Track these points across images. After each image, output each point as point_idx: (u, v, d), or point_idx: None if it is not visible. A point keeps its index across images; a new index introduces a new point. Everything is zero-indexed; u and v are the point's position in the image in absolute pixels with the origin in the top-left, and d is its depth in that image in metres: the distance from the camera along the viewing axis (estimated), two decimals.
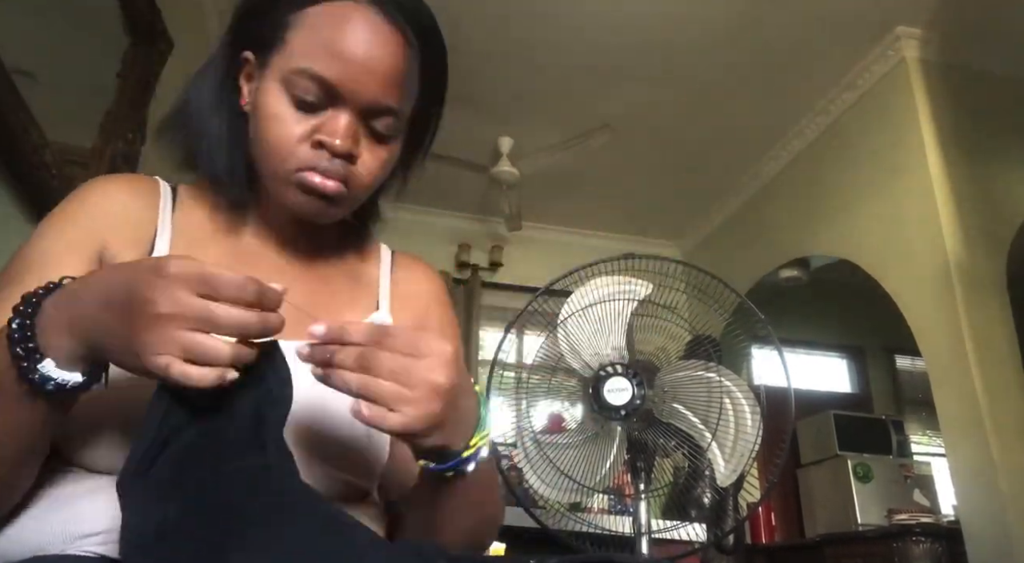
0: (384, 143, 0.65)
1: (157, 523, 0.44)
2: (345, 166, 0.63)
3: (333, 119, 0.61)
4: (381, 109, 0.62)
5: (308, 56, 0.60)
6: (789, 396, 1.24)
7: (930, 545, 2.86)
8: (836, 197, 3.34)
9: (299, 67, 0.60)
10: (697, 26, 2.98)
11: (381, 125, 0.63)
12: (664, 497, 1.35)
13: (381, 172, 0.66)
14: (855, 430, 4.02)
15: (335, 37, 0.60)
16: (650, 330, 1.33)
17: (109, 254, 0.63)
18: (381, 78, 0.61)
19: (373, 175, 0.65)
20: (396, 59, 0.62)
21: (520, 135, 3.69)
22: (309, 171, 0.62)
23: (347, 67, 0.60)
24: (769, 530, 4.11)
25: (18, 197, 1.51)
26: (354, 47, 0.60)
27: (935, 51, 2.99)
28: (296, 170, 0.62)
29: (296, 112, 0.62)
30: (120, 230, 0.64)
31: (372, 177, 0.65)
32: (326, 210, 0.65)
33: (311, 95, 0.61)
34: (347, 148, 0.61)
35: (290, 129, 0.62)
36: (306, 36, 0.61)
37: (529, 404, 1.36)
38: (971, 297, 2.62)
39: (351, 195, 0.65)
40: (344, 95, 0.61)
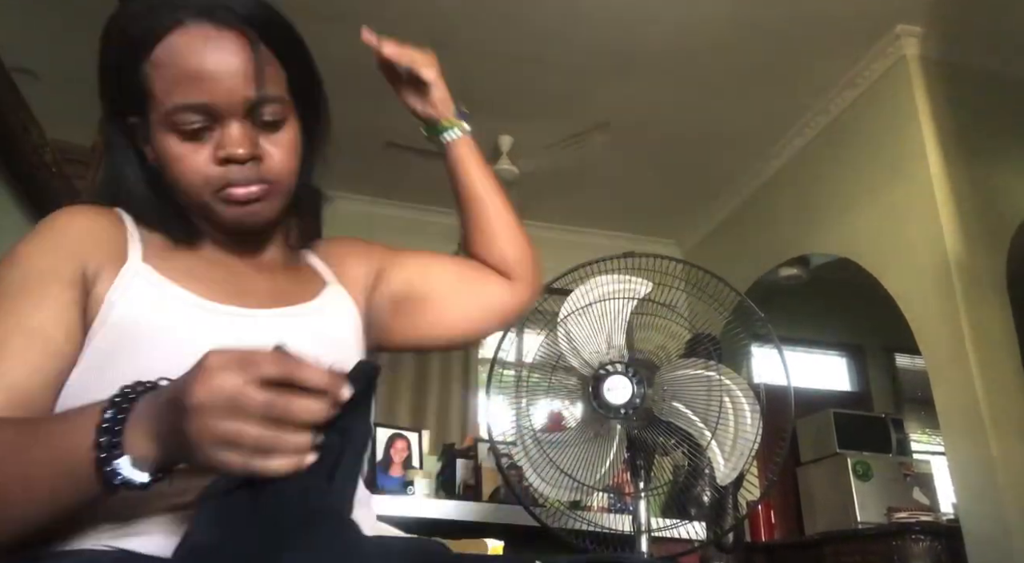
0: (279, 129, 0.68)
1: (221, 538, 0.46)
2: (255, 167, 0.66)
3: (224, 134, 0.65)
4: (255, 102, 0.65)
5: (173, 93, 0.64)
6: (789, 394, 1.24)
7: (929, 543, 2.87)
8: (836, 195, 3.34)
9: (170, 106, 0.64)
10: (696, 25, 2.98)
11: (266, 115, 0.67)
12: (664, 495, 1.35)
13: (290, 155, 0.69)
14: (855, 428, 4.02)
15: (185, 64, 0.64)
16: (650, 328, 1.33)
17: (91, 270, 0.65)
18: (238, 77, 0.64)
19: (285, 161, 0.69)
20: (242, 55, 0.65)
21: (520, 133, 3.69)
22: (227, 187, 0.66)
23: (207, 84, 0.63)
24: (769, 528, 4.11)
25: (18, 196, 1.51)
26: (201, 64, 0.63)
27: (935, 49, 2.99)
28: (216, 192, 0.66)
29: (189, 144, 0.65)
30: (96, 247, 0.67)
31: (285, 163, 0.69)
32: (259, 213, 0.69)
33: (193, 124, 0.64)
34: (248, 152, 0.65)
35: (192, 161, 0.66)
36: (163, 77, 0.64)
37: (529, 402, 1.36)
38: (971, 295, 2.62)
39: (275, 188, 0.69)
40: (218, 108, 0.64)
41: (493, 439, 1.39)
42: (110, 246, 0.68)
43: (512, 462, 1.42)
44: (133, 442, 0.48)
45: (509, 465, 1.47)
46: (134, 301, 0.64)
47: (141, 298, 0.64)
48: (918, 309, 2.81)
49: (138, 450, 0.48)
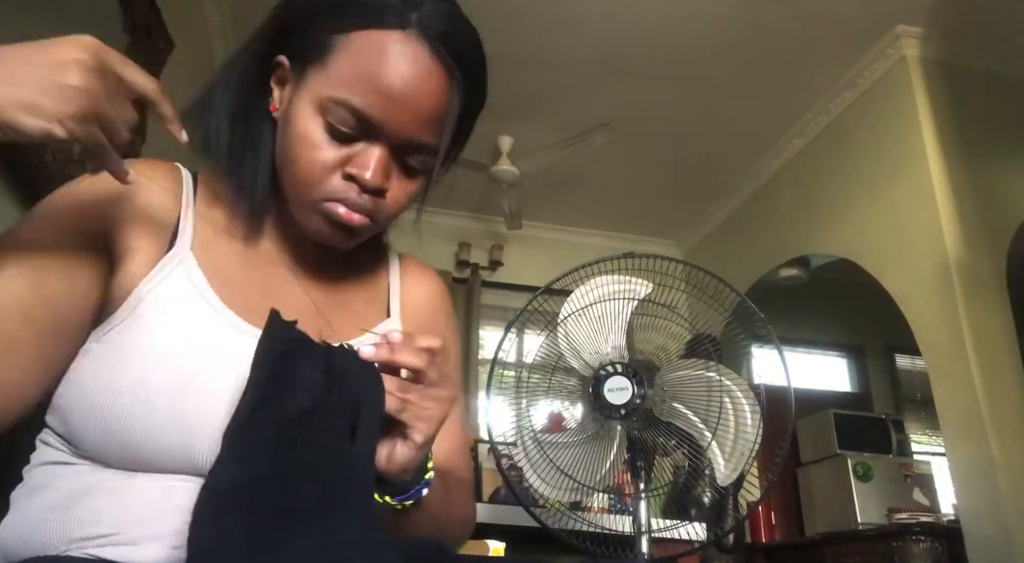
0: (412, 177, 0.64)
1: (249, 477, 0.48)
2: (374, 200, 0.62)
3: (366, 152, 0.60)
4: (417, 146, 0.61)
5: (348, 86, 0.58)
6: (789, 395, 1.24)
7: (930, 544, 2.87)
8: (836, 196, 3.34)
9: (338, 97, 0.58)
10: (697, 25, 2.98)
11: (414, 160, 0.62)
12: (664, 496, 1.35)
13: (407, 204, 0.65)
14: (855, 429, 4.02)
15: (378, 70, 0.57)
16: (650, 329, 1.33)
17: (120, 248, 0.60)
18: (422, 117, 0.59)
19: (399, 207, 0.65)
20: (438, 98, 0.60)
21: (520, 134, 3.69)
22: (336, 202, 0.61)
23: (388, 103, 0.58)
24: (769, 529, 4.11)
25: (18, 197, 1.51)
26: (397, 83, 0.57)
27: (935, 50, 2.99)
28: (323, 200, 0.61)
29: (329, 139, 0.59)
30: (134, 222, 0.61)
31: (398, 209, 0.65)
32: (348, 241, 0.64)
33: (347, 126, 0.59)
34: (378, 184, 0.60)
35: (321, 156, 0.60)
36: (348, 63, 0.58)
37: (529, 403, 1.36)
38: (971, 296, 2.62)
39: (375, 227, 0.64)
40: (381, 130, 0.59)
41: (493, 440, 1.39)
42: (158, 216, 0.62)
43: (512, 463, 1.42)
44: None
45: (509, 466, 1.47)
46: (166, 300, 0.59)
47: (173, 298, 0.59)
48: (918, 309, 2.81)
49: None
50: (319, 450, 0.50)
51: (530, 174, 3.66)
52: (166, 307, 0.59)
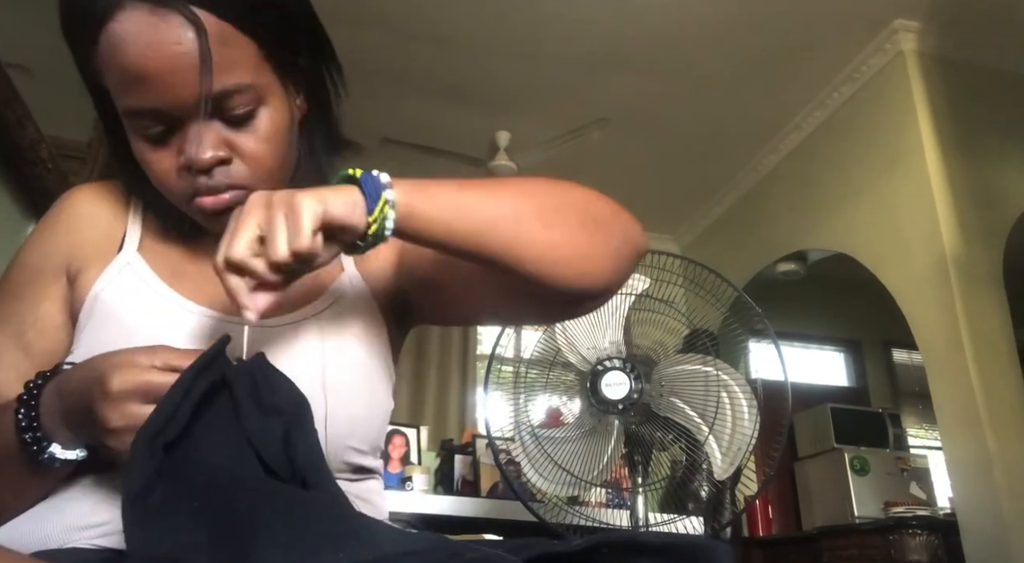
0: (252, 118, 0.58)
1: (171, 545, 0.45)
2: (223, 171, 0.58)
3: (181, 138, 0.57)
4: (215, 99, 0.55)
5: (120, 96, 0.56)
6: (786, 389, 1.24)
7: (926, 537, 2.88)
8: (833, 191, 3.34)
9: (122, 110, 0.57)
10: (694, 19, 2.97)
11: (232, 108, 0.57)
12: (661, 490, 1.35)
13: (268, 149, 0.59)
14: (852, 423, 4.03)
15: (124, 63, 0.54)
16: (647, 324, 1.34)
17: (73, 269, 0.65)
18: (186, 72, 0.54)
19: (260, 159, 0.59)
20: (187, 43, 0.53)
21: (517, 129, 3.68)
22: (196, 197, 0.59)
23: (150, 85, 0.54)
24: (766, 523, 4.13)
25: (14, 192, 1.51)
26: (142, 61, 0.53)
27: (933, 44, 2.99)
28: (187, 200, 0.59)
29: (153, 148, 0.58)
30: (82, 243, 0.66)
31: (260, 161, 0.59)
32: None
33: (150, 128, 0.57)
34: (208, 159, 0.56)
35: (158, 166, 0.58)
36: (110, 75, 0.56)
37: (527, 398, 1.36)
38: (968, 290, 2.63)
39: (254, 187, 0.58)
40: (169, 112, 0.55)
41: (491, 435, 1.39)
42: (105, 232, 0.67)
43: (510, 458, 1.42)
44: (53, 431, 0.53)
45: (507, 461, 1.47)
46: (118, 296, 0.63)
47: (125, 293, 0.63)
48: (915, 304, 2.81)
49: (60, 436, 0.53)
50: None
51: (527, 169, 3.66)
52: (119, 302, 0.62)
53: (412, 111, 3.49)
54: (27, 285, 0.65)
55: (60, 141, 1.64)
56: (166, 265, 0.66)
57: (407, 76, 3.26)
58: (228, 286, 0.49)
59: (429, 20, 3.01)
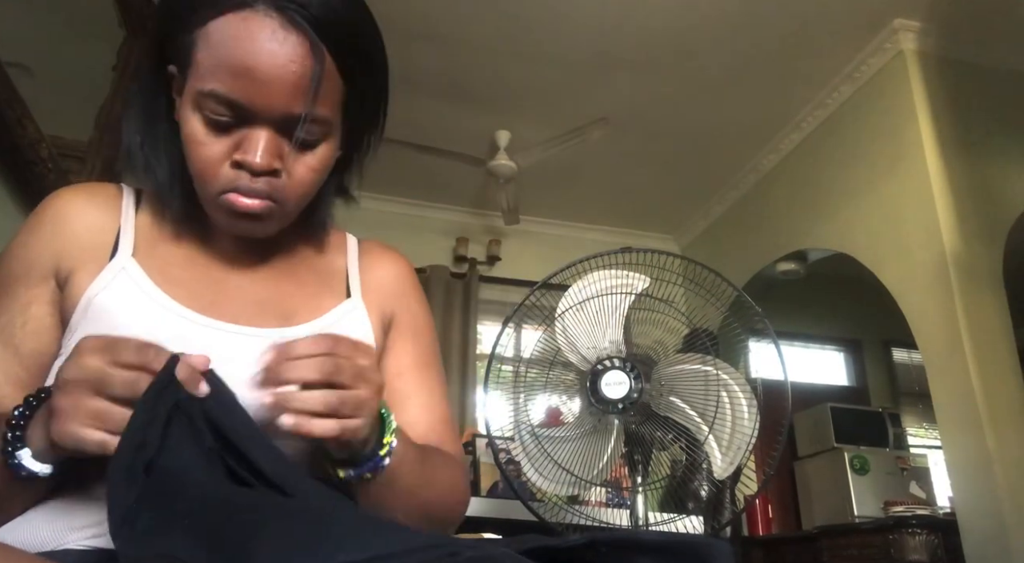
0: (311, 149, 0.63)
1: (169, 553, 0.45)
2: (269, 182, 0.61)
3: (249, 137, 0.60)
4: (296, 118, 0.59)
5: (212, 77, 0.58)
6: (786, 389, 1.24)
7: (926, 537, 2.88)
8: (833, 190, 3.34)
9: (205, 90, 0.58)
10: (695, 19, 2.97)
11: (303, 133, 0.61)
12: (661, 490, 1.35)
13: (313, 178, 0.64)
14: (852, 423, 4.03)
15: (235, 54, 0.57)
16: (647, 324, 1.34)
17: (63, 271, 0.65)
18: (289, 88, 0.58)
19: (304, 184, 0.63)
20: (301, 66, 0.58)
21: (517, 129, 3.68)
22: (232, 193, 0.61)
23: (251, 84, 0.57)
24: (766, 522, 4.13)
25: (14, 192, 1.51)
26: (255, 61, 0.57)
27: (933, 44, 2.99)
28: (220, 192, 0.61)
29: (211, 133, 0.60)
30: (71, 246, 0.66)
31: (303, 186, 0.63)
32: (255, 228, 0.64)
33: (222, 116, 0.59)
34: (266, 165, 0.60)
35: (208, 151, 0.60)
36: (208, 55, 0.58)
37: (527, 398, 1.36)
38: (968, 290, 2.63)
39: (283, 209, 0.63)
40: (254, 112, 0.59)
41: (491, 434, 1.39)
42: (96, 235, 0.67)
43: (510, 457, 1.42)
44: (32, 436, 0.51)
45: (507, 460, 1.47)
46: (112, 301, 0.63)
47: (120, 298, 0.63)
48: (915, 304, 2.81)
49: (36, 443, 0.51)
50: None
51: (528, 169, 3.66)
52: (113, 307, 0.62)
53: (412, 111, 3.49)
54: (15, 287, 0.65)
55: (60, 141, 1.64)
56: (161, 270, 0.66)
57: (407, 76, 3.26)
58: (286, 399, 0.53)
59: (429, 20, 3.01)
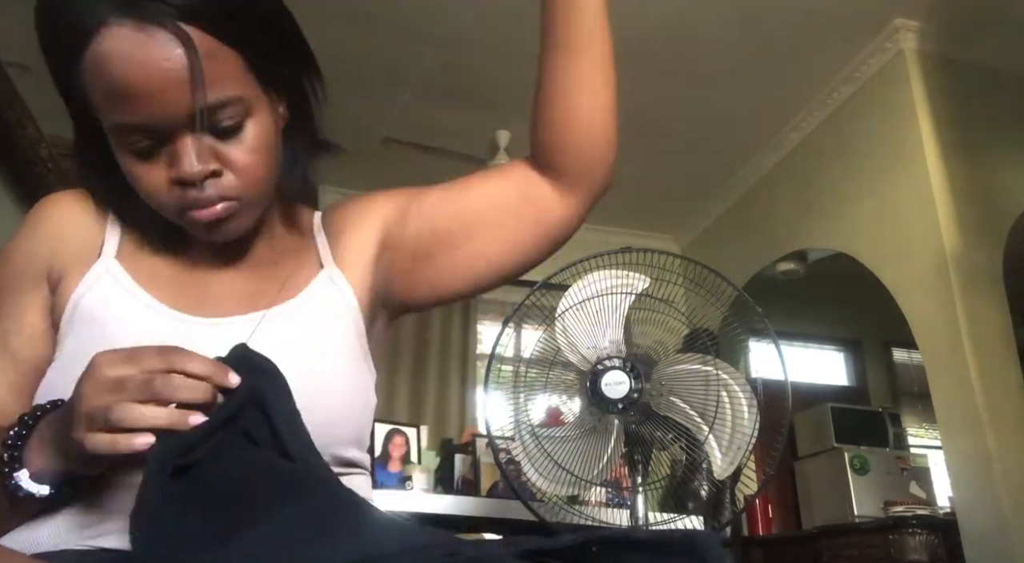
0: (240, 131, 0.59)
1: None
2: (215, 184, 0.59)
3: (173, 151, 0.57)
4: (205, 112, 0.56)
5: (107, 112, 0.56)
6: (786, 389, 1.24)
7: (926, 537, 2.88)
8: (833, 190, 3.34)
9: (108, 125, 0.57)
10: (694, 18, 2.97)
11: (220, 120, 0.57)
12: (661, 490, 1.35)
13: (258, 160, 0.60)
14: (852, 423, 4.03)
15: (110, 82, 0.54)
16: (647, 323, 1.34)
17: (58, 268, 0.65)
18: (175, 86, 0.54)
19: (252, 169, 0.60)
20: (175, 59, 0.54)
21: (517, 128, 3.68)
22: (187, 211, 0.59)
23: (138, 102, 0.54)
24: (766, 522, 4.13)
25: (14, 192, 1.51)
26: (133, 81, 0.54)
27: (933, 43, 2.99)
28: (178, 214, 0.60)
29: (141, 162, 0.58)
30: (62, 249, 0.66)
31: (253, 171, 0.60)
32: (228, 230, 0.62)
33: (139, 143, 0.57)
34: (200, 171, 0.57)
35: (149, 182, 0.59)
36: (94, 91, 0.56)
37: (527, 398, 1.36)
38: (968, 290, 2.63)
39: (244, 202, 0.61)
40: (159, 127, 0.56)
41: (491, 434, 1.39)
42: (84, 239, 0.67)
43: (510, 457, 1.42)
44: (30, 457, 0.52)
45: (507, 460, 1.47)
46: (98, 303, 0.62)
47: (106, 300, 0.63)
48: (915, 304, 2.81)
49: (35, 464, 0.52)
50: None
51: None
52: (99, 309, 0.62)
53: (412, 111, 3.49)
54: (10, 293, 0.65)
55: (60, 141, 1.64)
56: (144, 271, 0.66)
57: (408, 76, 3.26)
58: None
59: (430, 20, 3.01)
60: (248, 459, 0.50)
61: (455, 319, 4.16)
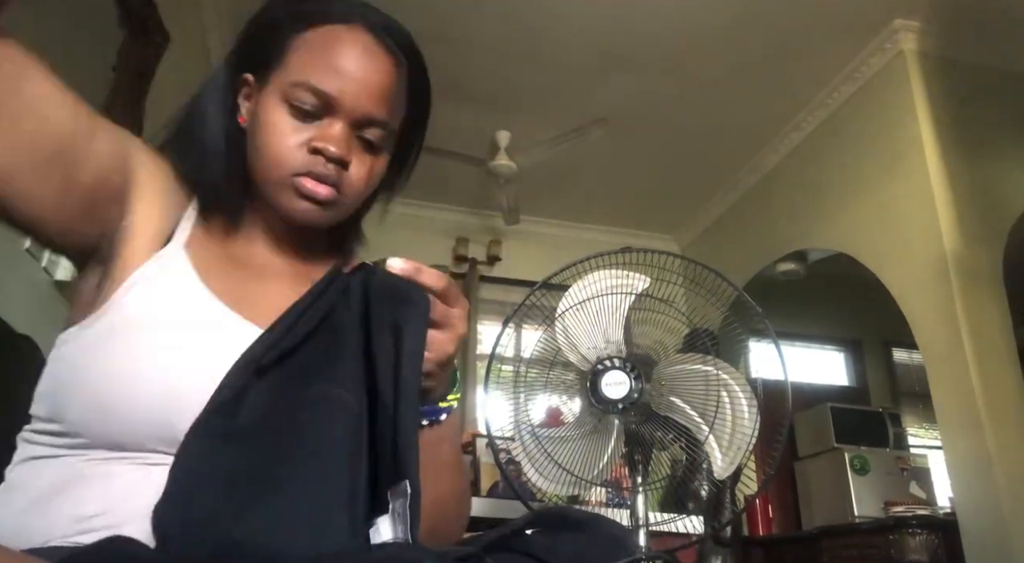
0: (373, 154, 0.70)
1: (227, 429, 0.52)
2: (338, 171, 0.67)
3: (328, 127, 0.66)
4: (372, 121, 0.68)
5: (306, 71, 0.66)
6: (786, 389, 1.24)
7: (926, 537, 2.88)
8: (833, 190, 3.34)
9: (298, 80, 0.66)
10: (695, 19, 2.97)
11: (372, 136, 0.68)
12: (662, 490, 1.35)
13: (369, 180, 0.70)
14: (852, 423, 4.03)
15: (331, 55, 0.66)
16: (648, 324, 1.33)
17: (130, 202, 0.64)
18: (373, 93, 0.67)
19: (363, 182, 0.70)
20: (386, 77, 0.68)
21: (517, 129, 3.68)
22: (305, 176, 0.66)
23: (342, 81, 0.66)
24: (766, 522, 4.13)
25: None
26: (349, 63, 0.66)
27: (933, 44, 2.99)
28: (293, 175, 0.66)
29: (293, 121, 0.66)
30: (155, 193, 0.66)
31: (362, 184, 0.70)
32: (319, 214, 0.68)
33: (308, 105, 0.66)
34: (341, 153, 0.66)
35: (288, 137, 0.66)
36: (304, 55, 0.67)
37: (527, 398, 1.36)
38: (968, 290, 2.63)
39: (343, 201, 0.69)
40: (339, 106, 0.66)
41: (491, 434, 1.39)
42: (169, 205, 0.67)
43: (510, 457, 1.42)
44: None
45: (507, 460, 1.47)
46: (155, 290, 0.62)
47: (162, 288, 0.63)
48: (915, 304, 2.81)
49: None
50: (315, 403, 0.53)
51: (528, 169, 3.66)
52: (157, 294, 0.62)
53: None
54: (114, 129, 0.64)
55: None
56: (207, 266, 0.66)
57: None
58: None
59: (429, 19, 3.01)
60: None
61: None
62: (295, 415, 0.53)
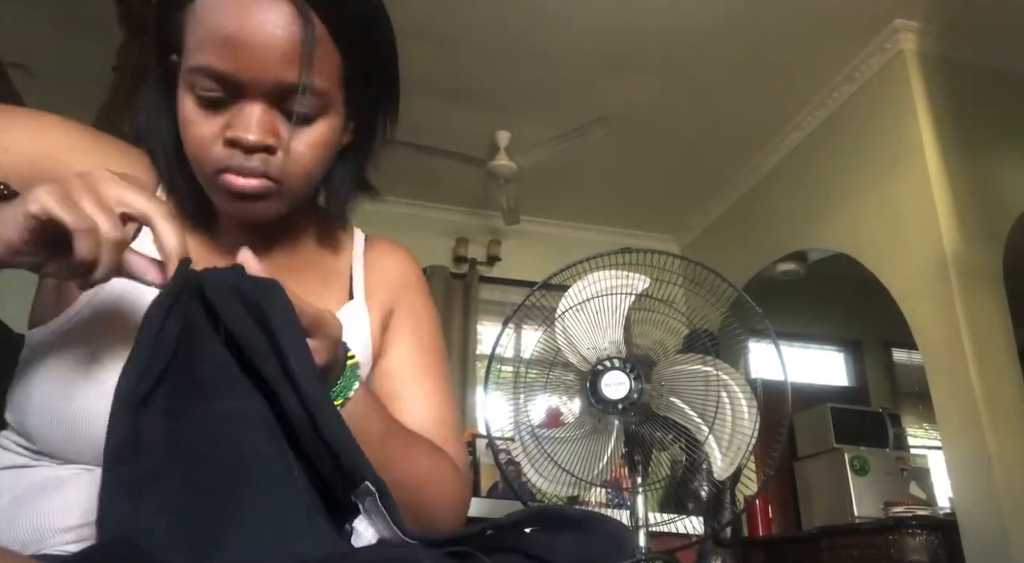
0: (310, 123, 0.60)
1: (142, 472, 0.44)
2: (265, 160, 0.58)
3: (240, 113, 0.57)
4: (289, 88, 0.57)
5: (199, 52, 0.56)
6: (786, 389, 1.24)
7: (926, 537, 2.88)
8: (833, 190, 3.34)
9: (193, 65, 0.57)
10: (695, 19, 2.97)
11: (298, 105, 0.58)
12: (661, 490, 1.35)
13: (314, 155, 0.61)
14: (852, 423, 4.03)
15: (220, 25, 0.55)
16: (647, 324, 1.33)
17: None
18: (277, 55, 0.55)
19: (304, 162, 0.60)
20: (289, 32, 0.56)
21: (517, 129, 3.68)
22: (226, 173, 0.58)
23: (237, 53, 0.55)
24: (766, 523, 4.13)
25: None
26: (240, 31, 0.55)
27: (933, 44, 2.99)
28: (214, 173, 0.59)
29: (203, 111, 0.58)
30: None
31: (303, 164, 0.60)
32: (255, 209, 0.61)
33: (212, 91, 0.57)
34: (258, 140, 0.57)
35: (200, 131, 0.58)
36: (195, 31, 0.57)
37: (527, 398, 1.36)
38: (968, 290, 2.63)
39: (283, 188, 0.60)
40: (243, 84, 0.56)
41: (491, 435, 1.39)
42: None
43: (510, 458, 1.42)
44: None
45: (507, 461, 1.47)
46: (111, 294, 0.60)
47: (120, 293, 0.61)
48: (915, 304, 2.81)
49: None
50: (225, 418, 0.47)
51: (528, 169, 3.66)
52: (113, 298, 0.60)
53: (412, 111, 3.49)
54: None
55: None
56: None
57: (407, 76, 3.23)
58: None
59: (429, 20, 3.01)
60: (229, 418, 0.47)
61: (455, 320, 4.16)
62: (211, 436, 0.46)
